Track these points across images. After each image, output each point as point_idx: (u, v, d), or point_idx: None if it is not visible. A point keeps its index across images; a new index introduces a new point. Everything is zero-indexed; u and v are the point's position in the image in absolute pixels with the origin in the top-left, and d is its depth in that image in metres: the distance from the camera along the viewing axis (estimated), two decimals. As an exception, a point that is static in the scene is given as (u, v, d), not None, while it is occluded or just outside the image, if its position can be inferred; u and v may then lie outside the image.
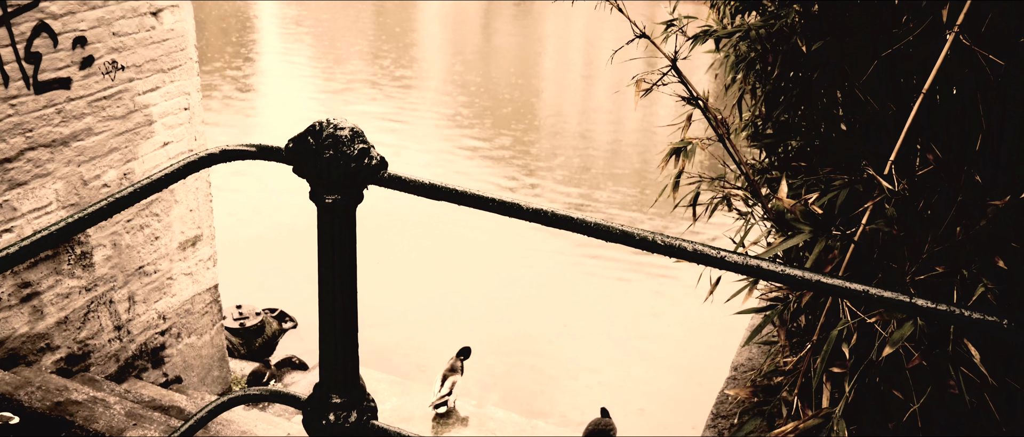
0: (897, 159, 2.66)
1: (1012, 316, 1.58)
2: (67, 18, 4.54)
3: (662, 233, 1.87)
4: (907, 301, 1.70)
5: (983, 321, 1.63)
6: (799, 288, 2.30)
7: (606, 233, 1.92)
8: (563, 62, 18.68)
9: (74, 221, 1.95)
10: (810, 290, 1.93)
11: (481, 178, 12.03)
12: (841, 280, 1.75)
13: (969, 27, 2.60)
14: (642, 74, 3.11)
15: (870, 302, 1.71)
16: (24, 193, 4.51)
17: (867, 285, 1.71)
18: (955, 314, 1.66)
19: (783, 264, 1.79)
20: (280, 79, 16.60)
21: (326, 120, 2.08)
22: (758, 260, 1.80)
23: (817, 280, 1.79)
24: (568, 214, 1.95)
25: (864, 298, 1.73)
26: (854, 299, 1.75)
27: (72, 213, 4.64)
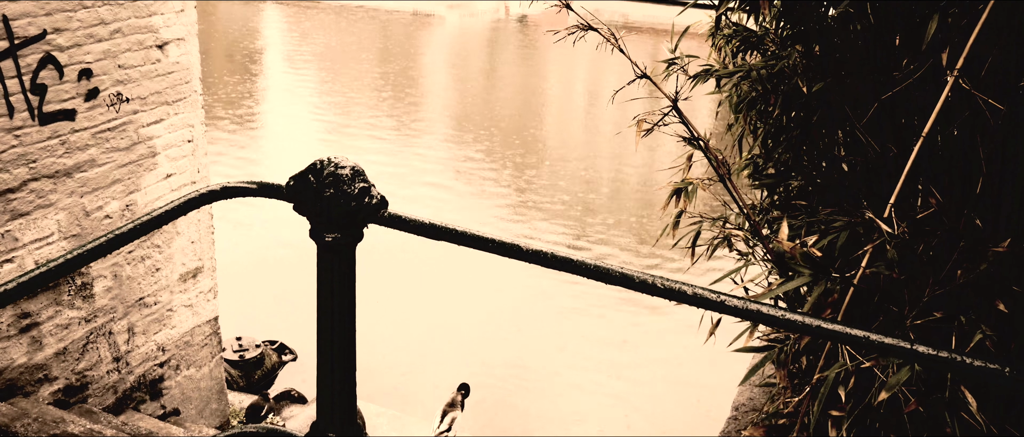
0: (897, 201, 2.66)
1: (1012, 365, 1.57)
2: (74, 50, 4.58)
3: (662, 276, 1.87)
4: (907, 348, 1.69)
5: (984, 369, 1.62)
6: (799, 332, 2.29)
7: (606, 275, 1.92)
8: (567, 97, 18.76)
9: (75, 256, 1.95)
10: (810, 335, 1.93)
11: (482, 212, 12.04)
12: (841, 325, 1.74)
13: (969, 71, 2.62)
14: (643, 114, 3.12)
15: (870, 348, 1.70)
16: (26, 223, 4.52)
17: (867, 330, 1.70)
18: (956, 362, 1.66)
19: (783, 309, 1.79)
20: (283, 109, 16.67)
21: (327, 158, 2.09)
22: (758, 305, 1.79)
23: (817, 325, 1.78)
24: (567, 256, 1.95)
25: (864, 343, 1.73)
26: (854, 344, 1.75)
27: (73, 245, 4.63)
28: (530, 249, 1.99)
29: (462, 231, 2.02)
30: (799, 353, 3.02)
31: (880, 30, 3.00)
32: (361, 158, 11.02)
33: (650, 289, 1.87)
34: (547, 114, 17.27)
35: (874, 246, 2.62)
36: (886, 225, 2.59)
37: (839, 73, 3.11)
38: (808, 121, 3.38)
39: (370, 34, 23.84)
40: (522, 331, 9.22)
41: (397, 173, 13.08)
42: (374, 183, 2.11)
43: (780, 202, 3.90)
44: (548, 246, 1.96)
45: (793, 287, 2.69)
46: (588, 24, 2.94)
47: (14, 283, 1.82)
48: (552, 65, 20.07)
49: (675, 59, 3.50)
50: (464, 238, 2.03)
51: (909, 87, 2.83)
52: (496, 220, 11.84)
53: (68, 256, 1.93)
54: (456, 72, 20.57)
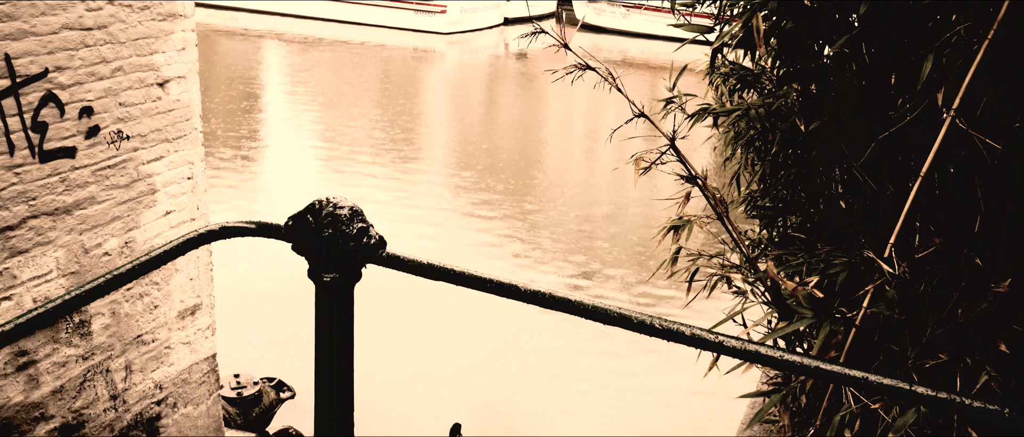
0: (896, 240, 2.66)
1: (1011, 406, 1.57)
2: (75, 88, 4.60)
3: (660, 317, 1.86)
4: (908, 389, 1.69)
5: (983, 410, 1.61)
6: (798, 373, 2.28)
7: (604, 316, 1.92)
8: (566, 133, 18.84)
9: (74, 297, 1.95)
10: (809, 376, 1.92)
11: (480, 249, 12.03)
12: (840, 367, 1.74)
13: (965, 111, 2.63)
14: (641, 152, 3.13)
15: (871, 389, 1.70)
16: (25, 261, 4.52)
17: (867, 371, 1.70)
18: (957, 403, 1.65)
19: (781, 350, 1.79)
20: (283, 145, 16.72)
21: (326, 199, 2.09)
22: (756, 346, 1.79)
23: (816, 366, 1.78)
24: (565, 297, 1.95)
25: (864, 385, 1.72)
26: (855, 385, 1.74)
27: (72, 282, 4.62)
28: (528, 289, 1.99)
29: (460, 272, 2.02)
30: (801, 393, 3.01)
31: (876, 70, 3.02)
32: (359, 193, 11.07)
33: (648, 330, 1.86)
34: (546, 150, 17.33)
35: (874, 286, 2.62)
36: (886, 264, 2.59)
37: (836, 112, 3.13)
38: (805, 159, 3.39)
39: (370, 70, 23.99)
40: (521, 360, 9.18)
41: (395, 210, 13.10)
42: (372, 223, 2.11)
43: (778, 238, 3.91)
44: (546, 281, 1.96)
45: (795, 328, 2.69)
46: (586, 64, 2.96)
47: (11, 324, 1.82)
48: (551, 101, 20.19)
49: (673, 97, 3.53)
50: (462, 278, 2.03)
51: (906, 126, 2.84)
52: (494, 255, 11.84)
53: (67, 296, 1.93)
54: (456, 108, 20.67)
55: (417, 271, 2.06)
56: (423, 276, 2.07)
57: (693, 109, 3.69)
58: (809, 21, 3.10)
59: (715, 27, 3.61)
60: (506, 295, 1.98)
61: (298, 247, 2.12)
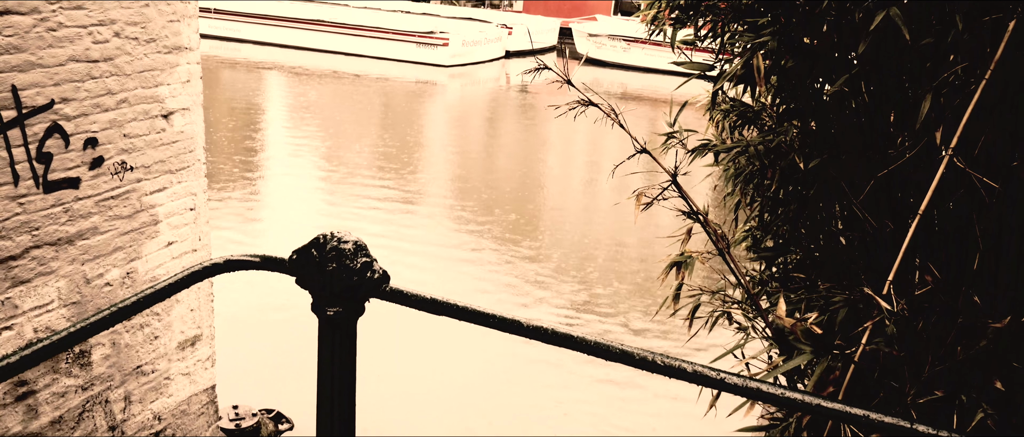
0: (896, 277, 2.68)
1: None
2: (80, 120, 4.64)
3: (663, 353, 1.88)
4: (908, 427, 1.70)
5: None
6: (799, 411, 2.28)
7: (606, 352, 1.93)
8: (567, 166, 18.90)
9: (78, 330, 1.96)
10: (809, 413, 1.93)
11: (482, 282, 12.02)
12: (841, 404, 1.75)
13: (963, 149, 2.66)
14: (643, 188, 3.16)
15: (870, 427, 1.71)
16: (26, 291, 4.53)
17: (867, 408, 1.71)
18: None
19: (782, 387, 1.80)
20: (284, 176, 16.77)
21: (330, 233, 2.11)
22: (758, 383, 1.80)
23: (817, 404, 1.79)
24: (568, 332, 1.96)
25: (864, 422, 1.73)
26: (854, 423, 1.75)
27: (73, 312, 4.62)
28: (531, 325, 2.00)
29: (463, 306, 2.04)
30: (800, 430, 3.01)
31: (875, 108, 3.06)
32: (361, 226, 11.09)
33: (650, 366, 1.88)
34: (547, 184, 17.38)
35: (873, 322, 2.63)
36: (885, 301, 2.60)
37: (835, 149, 3.15)
38: (805, 196, 3.41)
39: (372, 102, 24.11)
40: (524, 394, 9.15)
41: (396, 242, 13.10)
42: (375, 257, 2.13)
43: (779, 274, 3.92)
44: (548, 314, 1.97)
45: (796, 365, 2.70)
46: (589, 100, 2.99)
47: (17, 356, 1.83)
48: (553, 134, 20.27)
49: (673, 133, 3.56)
50: (465, 313, 2.04)
51: (905, 164, 2.87)
52: (495, 289, 11.83)
53: (72, 328, 1.94)
54: (458, 141, 20.75)
55: (420, 306, 2.08)
56: (426, 311, 2.08)
57: (694, 145, 3.72)
58: (809, 60, 3.14)
59: (716, 65, 3.65)
60: (509, 331, 1.99)
61: (302, 281, 2.13)
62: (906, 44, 2.72)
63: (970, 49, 2.67)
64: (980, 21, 2.63)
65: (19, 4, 4.22)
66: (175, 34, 5.13)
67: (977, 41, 2.66)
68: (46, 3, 4.34)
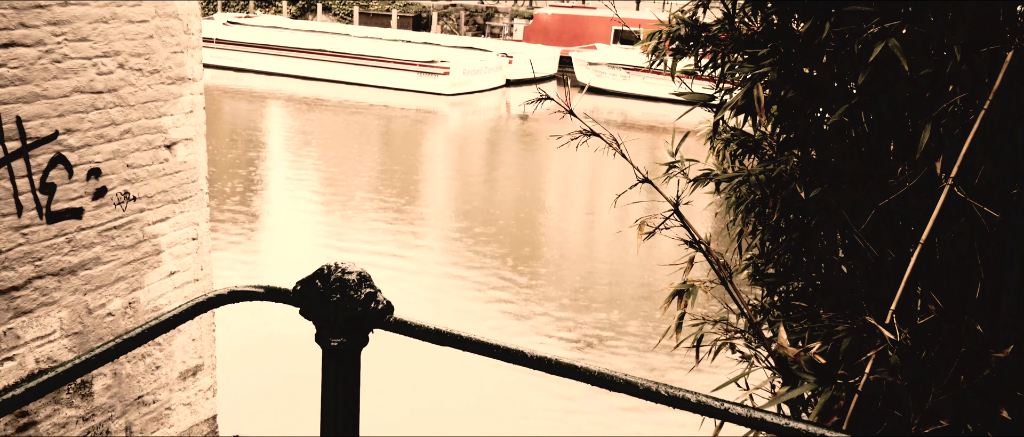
0: (898, 306, 2.68)
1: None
2: (84, 150, 4.66)
3: (666, 384, 1.88)
4: (912, 457, 1.69)
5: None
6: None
7: (609, 382, 1.93)
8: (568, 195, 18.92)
9: (81, 362, 1.96)
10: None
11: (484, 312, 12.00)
12: (845, 434, 1.75)
13: (963, 179, 2.67)
14: (645, 217, 3.17)
15: (874, 458, 1.71)
16: (29, 321, 4.53)
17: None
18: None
19: (787, 417, 1.79)
20: (286, 206, 16.80)
21: (334, 264, 2.12)
22: (762, 413, 1.80)
23: (821, 434, 1.79)
24: (571, 362, 1.96)
25: (868, 453, 1.73)
26: (858, 454, 1.75)
27: (75, 342, 4.61)
28: (534, 356, 2.01)
29: (467, 337, 2.04)
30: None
31: (875, 137, 3.07)
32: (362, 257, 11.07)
33: (654, 396, 1.87)
34: (548, 212, 17.39)
35: (877, 352, 2.63)
36: (888, 331, 2.60)
37: (836, 179, 3.17)
38: (807, 225, 3.42)
39: (373, 130, 24.20)
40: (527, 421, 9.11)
41: (398, 271, 13.09)
42: (379, 288, 2.14)
43: (781, 303, 3.92)
44: (550, 343, 1.98)
45: (799, 394, 2.69)
46: (590, 130, 3.01)
47: (22, 389, 1.83)
48: (553, 162, 20.31)
49: (675, 163, 3.57)
50: (469, 344, 2.04)
51: (906, 193, 2.88)
52: (497, 318, 11.81)
53: (74, 362, 1.94)
54: (459, 169, 20.80)
55: (424, 336, 2.08)
56: (430, 341, 2.08)
57: (695, 174, 3.74)
58: (809, 90, 3.17)
59: (716, 95, 3.67)
60: (512, 361, 1.99)
61: (306, 312, 2.14)
62: (905, 75, 2.74)
63: (969, 80, 2.70)
64: (978, 52, 2.66)
65: (25, 36, 4.26)
66: (178, 65, 5.16)
67: (975, 72, 2.69)
68: (51, 35, 4.38)
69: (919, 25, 2.77)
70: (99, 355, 2.02)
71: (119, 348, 2.07)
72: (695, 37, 3.56)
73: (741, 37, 3.46)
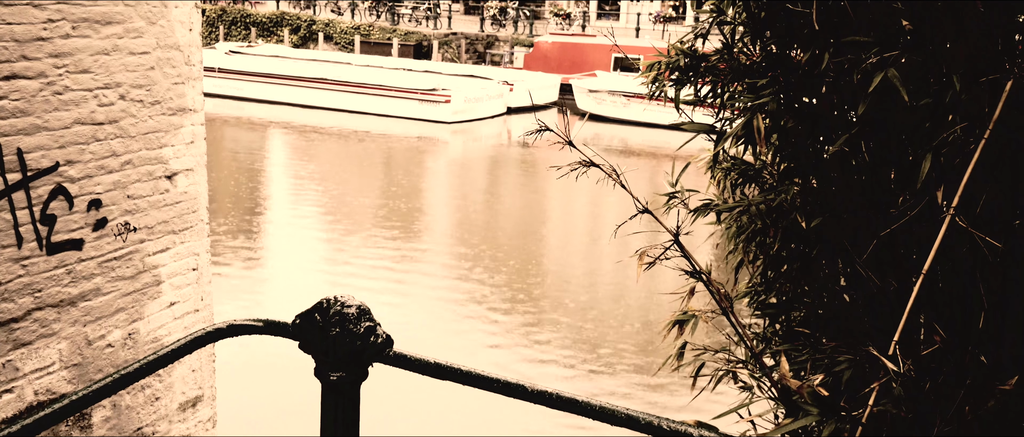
0: (901, 338, 2.67)
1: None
2: (84, 181, 4.66)
3: (668, 418, 1.86)
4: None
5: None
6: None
7: (611, 416, 1.92)
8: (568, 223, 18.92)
9: (79, 398, 1.95)
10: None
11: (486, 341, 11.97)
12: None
13: (965, 208, 2.66)
14: (645, 247, 3.16)
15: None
16: (28, 353, 4.51)
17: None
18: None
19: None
20: (286, 235, 16.80)
21: (334, 298, 2.11)
22: (764, 448, 1.79)
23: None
24: (572, 397, 1.95)
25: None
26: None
27: (74, 374, 4.58)
28: (535, 389, 1.99)
29: (467, 371, 2.03)
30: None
31: (876, 166, 3.07)
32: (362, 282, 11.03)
33: (656, 431, 1.86)
34: (549, 241, 17.38)
35: (880, 383, 2.61)
36: (891, 362, 2.59)
37: (837, 208, 3.16)
38: (808, 254, 3.41)
39: (375, 158, 24.25)
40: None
41: (397, 302, 13.07)
42: (378, 321, 2.13)
43: (783, 331, 3.90)
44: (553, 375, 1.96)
45: (801, 425, 2.67)
46: (590, 160, 3.01)
47: (18, 426, 1.82)
48: (553, 189, 20.33)
49: (675, 193, 3.57)
50: (469, 378, 2.03)
51: (907, 222, 2.87)
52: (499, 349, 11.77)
53: (73, 397, 1.93)
54: (460, 197, 20.82)
55: (424, 370, 2.07)
56: (430, 375, 2.07)
57: (695, 205, 3.73)
58: (809, 120, 3.17)
59: (717, 124, 3.67)
60: (513, 395, 1.98)
61: (305, 346, 2.13)
62: (905, 104, 2.74)
63: (969, 109, 2.70)
64: (977, 82, 2.66)
65: (26, 68, 4.27)
66: (180, 96, 5.18)
67: (975, 101, 2.69)
68: (53, 67, 4.40)
69: (918, 55, 2.77)
70: (99, 390, 2.01)
71: (119, 382, 2.06)
72: (694, 67, 3.57)
73: (740, 67, 3.47)
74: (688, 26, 32.41)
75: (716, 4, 3.51)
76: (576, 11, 38.50)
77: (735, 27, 3.49)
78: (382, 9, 39.04)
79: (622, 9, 39.17)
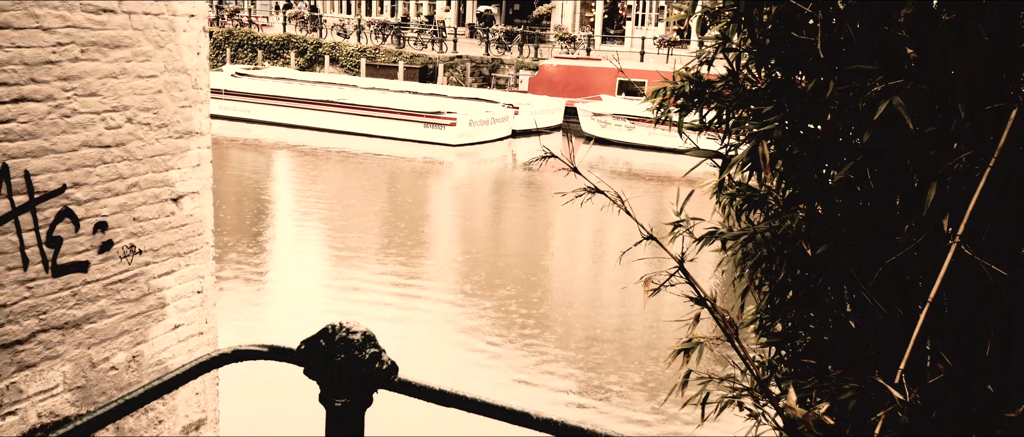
0: (907, 366, 2.66)
1: None
2: (91, 204, 4.68)
3: (672, 447, 1.86)
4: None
5: None
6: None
7: (616, 445, 1.91)
8: (573, 247, 18.92)
9: (84, 423, 1.95)
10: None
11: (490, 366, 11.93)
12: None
13: (970, 236, 2.66)
14: (650, 274, 3.16)
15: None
16: (32, 375, 4.51)
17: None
18: None
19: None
20: (291, 258, 16.81)
21: (339, 324, 2.11)
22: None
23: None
24: (578, 425, 1.94)
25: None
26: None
27: (77, 396, 4.58)
28: (540, 417, 1.99)
29: (472, 398, 2.03)
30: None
31: (881, 194, 3.07)
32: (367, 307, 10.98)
33: (661, 460, 1.85)
34: (555, 266, 17.36)
35: (886, 412, 2.60)
36: (897, 391, 2.58)
37: (842, 235, 3.16)
38: (813, 281, 3.41)
39: (380, 181, 24.30)
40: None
41: (402, 327, 13.05)
42: (383, 348, 2.13)
43: (788, 359, 3.89)
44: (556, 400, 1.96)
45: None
46: (595, 187, 3.02)
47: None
48: (559, 214, 20.35)
49: (680, 221, 3.57)
50: (474, 405, 2.03)
51: (913, 249, 2.87)
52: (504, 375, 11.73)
53: (78, 423, 1.93)
54: (464, 221, 20.83)
55: (429, 397, 2.07)
56: (434, 402, 2.07)
57: (700, 232, 3.73)
58: (814, 147, 3.17)
59: (722, 150, 3.68)
60: (519, 423, 1.98)
61: (310, 372, 2.13)
62: (910, 132, 2.74)
63: (974, 137, 2.70)
64: (982, 110, 2.67)
65: (35, 91, 4.30)
66: (187, 119, 5.21)
67: (980, 130, 2.69)
68: (61, 90, 4.42)
69: (923, 83, 2.78)
70: (103, 415, 2.01)
71: (123, 407, 2.06)
72: (699, 94, 3.59)
73: (745, 93, 3.48)
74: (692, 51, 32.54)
75: (721, 31, 3.53)
76: (581, 35, 38.67)
77: (740, 54, 3.51)
78: (388, 32, 39.25)
79: (626, 33, 39.35)
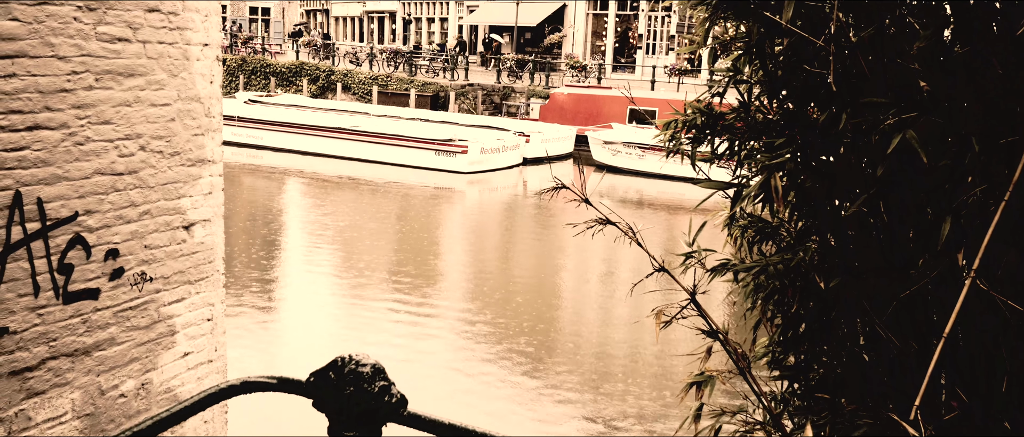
0: (922, 402, 2.62)
1: None
2: (102, 231, 4.69)
3: (685, 485, 1.83)
4: None
5: None
6: None
7: (627, 482, 1.88)
8: (584, 278, 18.86)
9: (90, 455, 1.94)
10: None
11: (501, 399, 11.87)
12: None
13: (985, 271, 2.64)
14: (662, 306, 3.14)
15: None
16: (41, 403, 4.50)
17: None
18: None
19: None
20: (301, 286, 16.81)
21: (348, 356, 2.10)
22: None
23: None
24: (588, 462, 1.92)
25: None
26: None
27: (86, 424, 4.56)
28: (550, 453, 1.96)
29: (482, 432, 2.00)
30: None
31: (895, 227, 3.05)
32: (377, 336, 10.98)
33: (673, 498, 1.83)
34: (566, 296, 17.32)
35: (901, 449, 2.57)
36: (912, 427, 2.54)
37: (855, 268, 3.13)
38: (826, 314, 3.38)
39: (391, 209, 24.34)
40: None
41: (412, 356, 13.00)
42: (393, 380, 2.11)
43: (801, 392, 3.84)
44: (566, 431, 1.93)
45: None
46: (606, 218, 3.00)
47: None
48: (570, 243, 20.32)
49: (692, 253, 3.55)
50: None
51: (928, 283, 2.84)
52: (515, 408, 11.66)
53: (85, 454, 1.92)
54: (476, 251, 20.82)
55: (438, 431, 2.05)
56: (444, 436, 2.05)
57: (712, 264, 3.71)
58: (827, 180, 3.16)
59: (735, 181, 3.66)
60: (527, 459, 1.96)
61: (319, 404, 2.11)
62: (924, 165, 2.73)
63: (988, 171, 2.68)
64: (996, 144, 2.65)
65: (49, 119, 4.33)
66: (199, 147, 5.23)
67: (995, 163, 2.67)
68: (75, 118, 4.45)
69: (937, 116, 2.77)
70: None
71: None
72: (711, 125, 3.58)
73: (757, 124, 3.47)
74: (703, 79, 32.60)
75: (733, 63, 3.53)
76: (592, 63, 38.80)
77: (752, 85, 3.50)
78: (400, 60, 39.48)
79: (637, 62, 39.47)
